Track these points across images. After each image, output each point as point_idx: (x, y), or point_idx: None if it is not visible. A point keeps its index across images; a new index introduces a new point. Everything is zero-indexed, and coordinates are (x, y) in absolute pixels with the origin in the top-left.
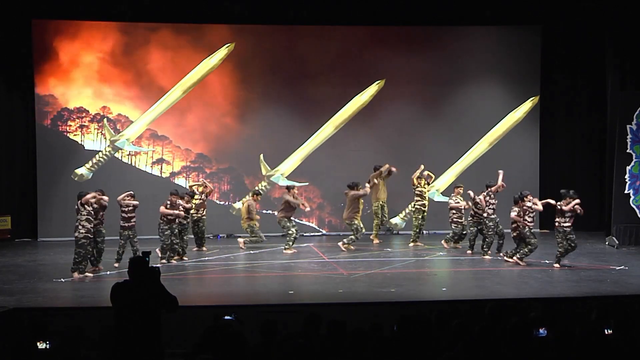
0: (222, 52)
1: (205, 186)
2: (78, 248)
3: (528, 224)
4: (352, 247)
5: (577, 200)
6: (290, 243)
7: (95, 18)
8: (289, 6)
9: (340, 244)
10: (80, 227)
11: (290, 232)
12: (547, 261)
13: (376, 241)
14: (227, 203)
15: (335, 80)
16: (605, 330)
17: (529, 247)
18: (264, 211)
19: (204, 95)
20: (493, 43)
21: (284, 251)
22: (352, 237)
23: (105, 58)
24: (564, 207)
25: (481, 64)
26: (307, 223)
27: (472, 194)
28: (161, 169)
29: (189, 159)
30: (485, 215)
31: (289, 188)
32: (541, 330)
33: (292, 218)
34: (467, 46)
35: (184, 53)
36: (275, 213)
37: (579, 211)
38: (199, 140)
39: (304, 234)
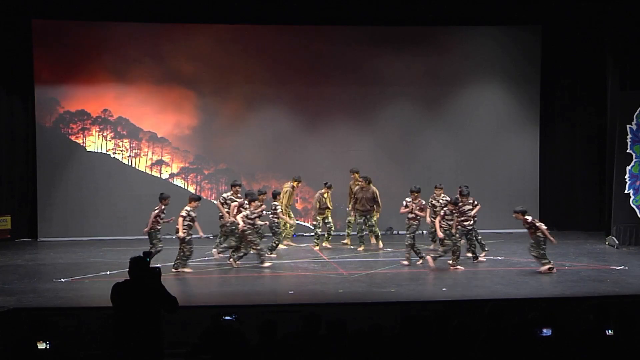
0: None
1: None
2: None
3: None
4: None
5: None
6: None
7: (96, 19)
8: (289, 7)
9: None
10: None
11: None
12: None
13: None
14: None
15: (335, 81)
16: (606, 331)
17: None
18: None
19: (203, 96)
20: (493, 43)
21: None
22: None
23: (106, 59)
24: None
25: (481, 64)
26: (305, 223)
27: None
28: (160, 170)
29: (187, 160)
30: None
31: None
32: (545, 330)
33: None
34: (467, 46)
35: (185, 54)
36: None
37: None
38: (197, 142)
39: (304, 234)
